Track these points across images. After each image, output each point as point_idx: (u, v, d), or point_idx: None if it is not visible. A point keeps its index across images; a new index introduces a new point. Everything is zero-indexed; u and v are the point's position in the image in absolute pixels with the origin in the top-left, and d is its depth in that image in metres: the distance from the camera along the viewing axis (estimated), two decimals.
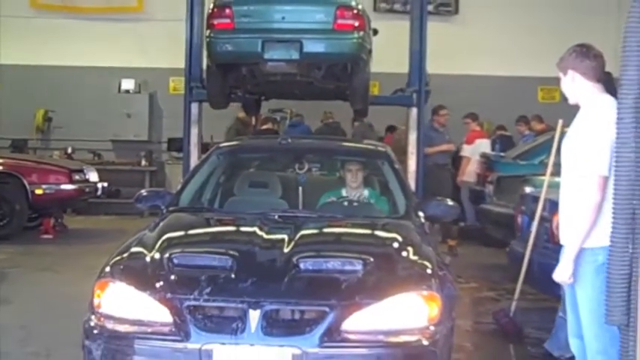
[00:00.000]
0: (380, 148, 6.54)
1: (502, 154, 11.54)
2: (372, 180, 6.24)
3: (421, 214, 5.41)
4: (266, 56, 8.46)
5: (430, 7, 14.46)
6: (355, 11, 8.50)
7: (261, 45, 8.41)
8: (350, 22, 8.42)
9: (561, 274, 3.96)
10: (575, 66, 4.07)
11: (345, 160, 6.27)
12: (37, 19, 16.22)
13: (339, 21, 8.40)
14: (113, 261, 4.42)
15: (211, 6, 8.83)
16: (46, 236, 11.72)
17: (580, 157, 3.91)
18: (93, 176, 12.47)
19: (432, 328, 4.07)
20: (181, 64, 10.18)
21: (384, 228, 5.15)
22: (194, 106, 9.92)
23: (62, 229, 12.45)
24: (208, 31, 8.73)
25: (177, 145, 12.60)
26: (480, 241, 11.31)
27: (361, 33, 8.49)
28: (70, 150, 15.27)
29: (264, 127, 11.95)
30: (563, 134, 4.47)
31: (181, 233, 5.06)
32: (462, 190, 11.91)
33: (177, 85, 15.01)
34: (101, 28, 16.05)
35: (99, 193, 12.57)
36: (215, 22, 8.63)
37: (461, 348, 6.04)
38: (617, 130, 3.40)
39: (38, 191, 11.32)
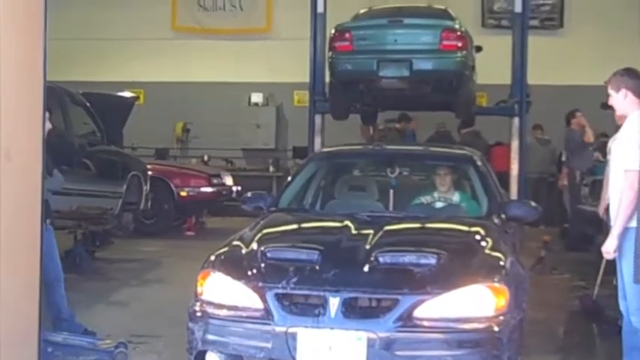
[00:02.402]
0: (466, 153, 6.80)
1: (602, 158, 12.29)
2: (464, 184, 6.63)
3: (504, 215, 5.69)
4: (381, 74, 9.61)
5: (536, 22, 15.33)
6: (459, 33, 9.59)
7: (376, 64, 9.57)
8: (454, 42, 9.50)
9: (608, 247, 5.04)
10: (627, 85, 5.14)
11: (432, 165, 6.65)
12: (176, 41, 17.79)
13: (444, 42, 9.47)
14: (215, 254, 4.94)
15: (333, 30, 10.09)
16: (189, 233, 13.22)
17: (627, 156, 4.97)
18: (228, 180, 13.91)
19: (499, 317, 4.38)
20: (304, 78, 11.33)
21: (462, 226, 5.43)
22: (317, 118, 11.10)
23: (201, 227, 13.97)
24: (330, 53, 9.99)
25: (302, 152, 13.31)
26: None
27: (464, 52, 9.56)
28: (206, 157, 16.55)
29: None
30: None
31: (276, 230, 5.44)
32: (564, 193, 12.74)
33: (301, 97, 16.07)
34: (233, 48, 17.45)
35: (233, 195, 13.95)
36: (336, 44, 9.86)
37: (549, 323, 7.11)
38: None
39: (183, 193, 12.84)
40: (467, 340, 4.32)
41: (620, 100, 5.22)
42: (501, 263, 4.73)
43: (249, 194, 6.27)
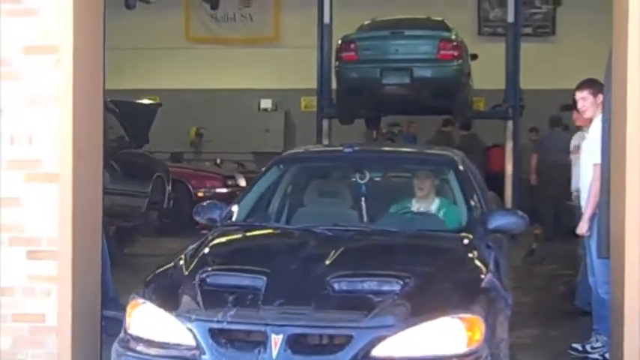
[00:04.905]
0: (446, 154, 6.00)
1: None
2: (444, 189, 5.73)
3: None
4: (384, 81, 10.55)
5: (529, 30, 16.16)
6: (455, 43, 10.52)
7: (379, 72, 10.52)
8: (450, 52, 10.44)
9: (581, 228, 5.93)
10: (602, 91, 5.96)
11: (408, 169, 5.98)
12: (190, 50, 18.57)
13: (442, 52, 10.41)
14: (148, 279, 4.36)
15: (339, 41, 11.00)
16: (204, 232, 13.93)
17: (596, 152, 5.80)
18: (242, 182, 14.61)
19: (472, 354, 3.82)
20: (311, 84, 12.11)
21: (435, 243, 4.82)
22: (325, 122, 11.99)
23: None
24: (337, 62, 10.89)
25: None
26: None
27: (460, 60, 10.49)
28: (218, 161, 16.96)
29: None
30: None
31: (222, 250, 4.83)
32: None
33: (308, 103, 16.82)
34: (243, 56, 18.19)
35: None
36: (343, 54, 10.79)
37: (534, 304, 7.92)
38: (602, 135, 5.35)
39: (200, 194, 13.54)
40: None
41: (594, 104, 5.99)
42: (477, 288, 4.18)
43: (203, 203, 5.52)
